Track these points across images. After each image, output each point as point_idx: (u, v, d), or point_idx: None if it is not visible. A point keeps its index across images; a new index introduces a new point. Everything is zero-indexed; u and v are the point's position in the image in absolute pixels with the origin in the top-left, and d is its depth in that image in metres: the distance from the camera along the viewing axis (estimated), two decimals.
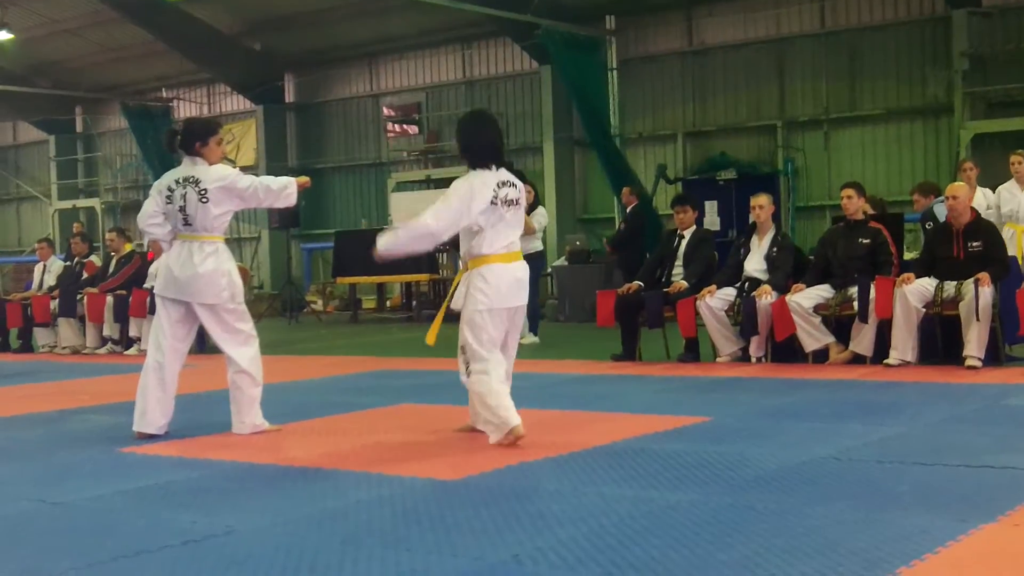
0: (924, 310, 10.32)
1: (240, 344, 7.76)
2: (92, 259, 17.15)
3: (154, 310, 8.30)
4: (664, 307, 11.64)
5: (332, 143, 29.56)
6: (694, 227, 12.24)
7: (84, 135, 34.39)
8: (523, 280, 7.21)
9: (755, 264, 11.42)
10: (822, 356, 10.88)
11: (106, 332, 15.90)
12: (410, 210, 24.49)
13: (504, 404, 6.98)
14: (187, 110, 31.03)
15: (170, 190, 7.73)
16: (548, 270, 19.64)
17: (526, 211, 14.42)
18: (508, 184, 7.18)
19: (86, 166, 34.58)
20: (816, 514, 4.90)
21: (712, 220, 21.15)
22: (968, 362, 9.99)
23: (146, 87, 31.72)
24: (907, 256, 11.96)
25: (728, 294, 11.31)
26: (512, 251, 7.15)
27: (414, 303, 22.23)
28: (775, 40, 22.59)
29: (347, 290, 23.76)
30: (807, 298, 10.80)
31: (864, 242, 10.92)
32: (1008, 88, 19.72)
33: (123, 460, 7.04)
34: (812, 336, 10.80)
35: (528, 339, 14.71)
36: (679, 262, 12.00)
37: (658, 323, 11.82)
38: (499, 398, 6.99)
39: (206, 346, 12.47)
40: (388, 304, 24.20)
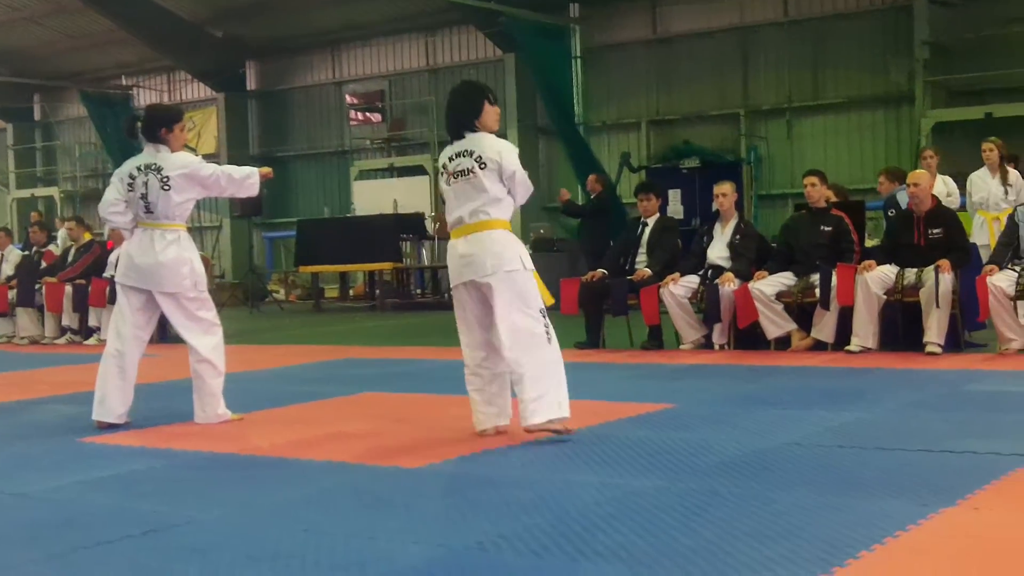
0: (885, 297, 10.37)
1: (202, 333, 7.70)
2: (51, 248, 17.03)
3: (114, 299, 8.24)
4: (628, 295, 11.65)
5: (294, 131, 29.48)
6: (658, 215, 12.24)
7: (43, 123, 34.20)
8: (469, 256, 6.67)
9: (718, 252, 11.45)
10: (784, 343, 10.92)
11: (65, 322, 15.79)
12: (373, 198, 24.59)
13: (473, 400, 6.83)
14: (147, 98, 30.87)
15: (132, 177, 7.66)
16: None
17: None
18: (463, 154, 6.76)
19: (45, 154, 34.38)
20: (779, 499, 4.91)
21: (676, 208, 21.19)
22: (928, 348, 10.05)
23: (106, 74, 31.54)
24: (869, 243, 12.00)
25: (692, 282, 11.33)
26: (459, 226, 6.75)
27: (377, 292, 22.19)
28: (739, 29, 22.67)
29: (310, 279, 23.69)
30: (769, 285, 10.83)
31: (826, 230, 10.96)
32: (969, 77, 19.85)
33: (83, 450, 6.98)
34: (774, 323, 10.83)
35: None
36: (643, 250, 12.00)
37: (622, 311, 11.83)
38: (471, 393, 6.83)
39: (167, 335, 12.40)
40: (351, 293, 24.15)
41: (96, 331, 15.08)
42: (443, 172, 6.78)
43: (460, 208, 6.70)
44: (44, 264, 16.46)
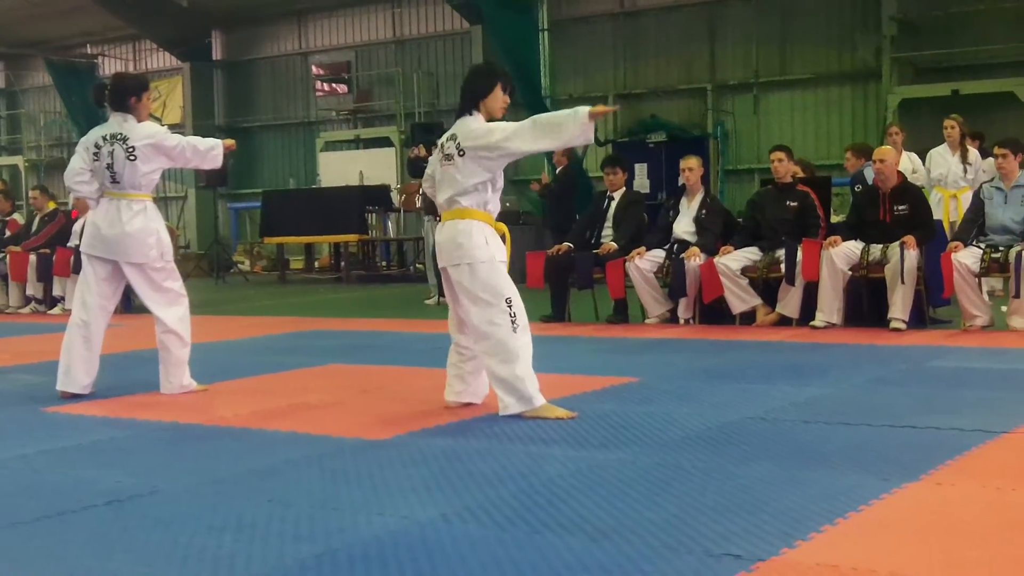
0: (850, 273, 10.41)
1: (168, 304, 7.67)
2: (15, 217, 16.90)
3: (78, 269, 8.18)
4: (594, 268, 11.67)
5: (260, 101, 29.35)
6: (624, 189, 12.24)
7: (7, 91, 33.95)
8: (441, 243, 6.62)
9: (684, 226, 11.46)
10: (749, 318, 10.95)
11: (29, 291, 15.69)
12: (339, 170, 24.52)
13: (448, 373, 6.89)
14: (113, 67, 30.66)
15: (97, 147, 7.61)
16: None
17: None
18: (452, 137, 6.63)
19: (9, 123, 34.14)
20: (743, 473, 4.93)
21: (642, 182, 21.22)
22: (893, 324, 10.10)
23: (71, 43, 31.30)
24: (834, 219, 12.04)
25: (657, 256, 11.35)
26: (444, 210, 6.69)
27: (343, 263, 22.14)
28: (707, 3, 22.68)
29: (275, 250, 23.62)
30: (735, 260, 10.85)
31: (792, 205, 10.99)
32: (935, 54, 19.93)
33: (47, 420, 6.95)
34: (740, 298, 10.87)
35: None
36: (609, 224, 12.01)
37: (588, 284, 11.84)
38: (448, 367, 6.90)
39: (132, 305, 12.35)
40: (316, 265, 24.09)
41: (60, 301, 14.99)
42: (439, 151, 6.68)
43: (440, 193, 6.67)
44: (8, 233, 16.34)
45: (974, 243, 10.20)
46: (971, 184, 12.30)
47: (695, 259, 10.97)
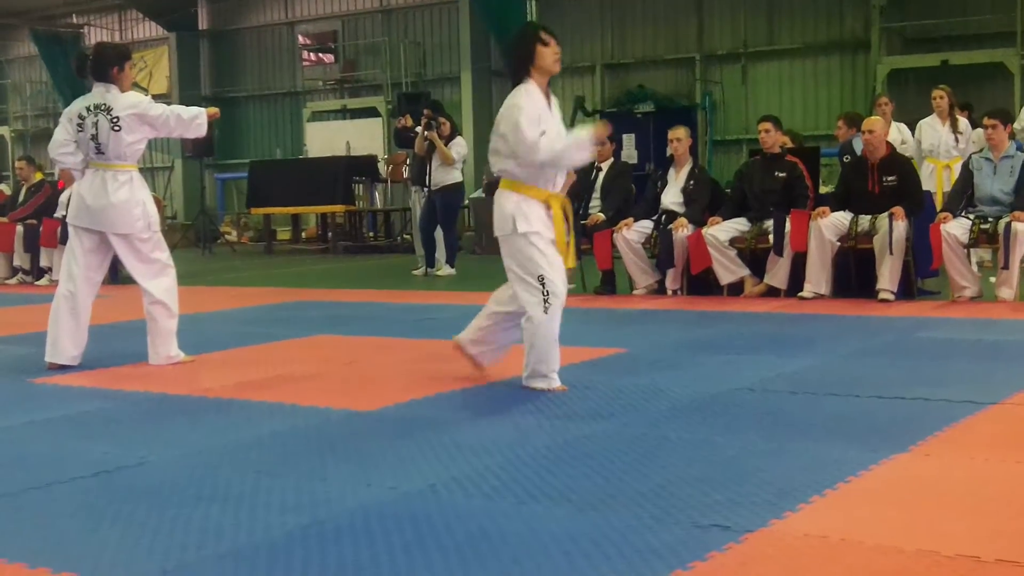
0: (839, 244, 10.41)
1: (155, 275, 7.64)
2: (1, 188, 16.84)
3: (65, 240, 8.15)
4: (581, 239, 11.64)
5: (246, 72, 29.24)
6: (612, 160, 12.22)
7: None
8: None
9: (672, 197, 11.45)
10: (737, 289, 10.95)
11: (16, 262, 15.65)
12: (326, 140, 24.45)
13: (476, 321, 6.85)
14: (98, 36, 30.48)
15: (81, 118, 7.57)
16: (466, 202, 19.56)
17: (444, 142, 14.43)
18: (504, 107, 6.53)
19: None
20: (730, 444, 4.94)
21: (630, 153, 21.18)
22: (881, 295, 10.10)
23: (56, 12, 31.12)
24: (823, 190, 12.04)
25: (645, 227, 11.33)
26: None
27: (330, 234, 22.10)
28: None
29: (261, 221, 23.56)
30: (723, 231, 10.85)
31: (780, 176, 10.97)
32: (924, 24, 19.90)
33: (34, 391, 6.93)
34: (727, 269, 10.86)
35: (444, 271, 14.70)
36: (597, 195, 11.99)
37: (575, 255, 11.80)
38: (478, 317, 6.84)
39: (119, 276, 12.31)
40: (303, 235, 24.04)
41: (47, 272, 14.95)
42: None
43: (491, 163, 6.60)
44: None
45: (963, 214, 10.20)
46: (962, 154, 12.27)
47: (683, 230, 10.96)
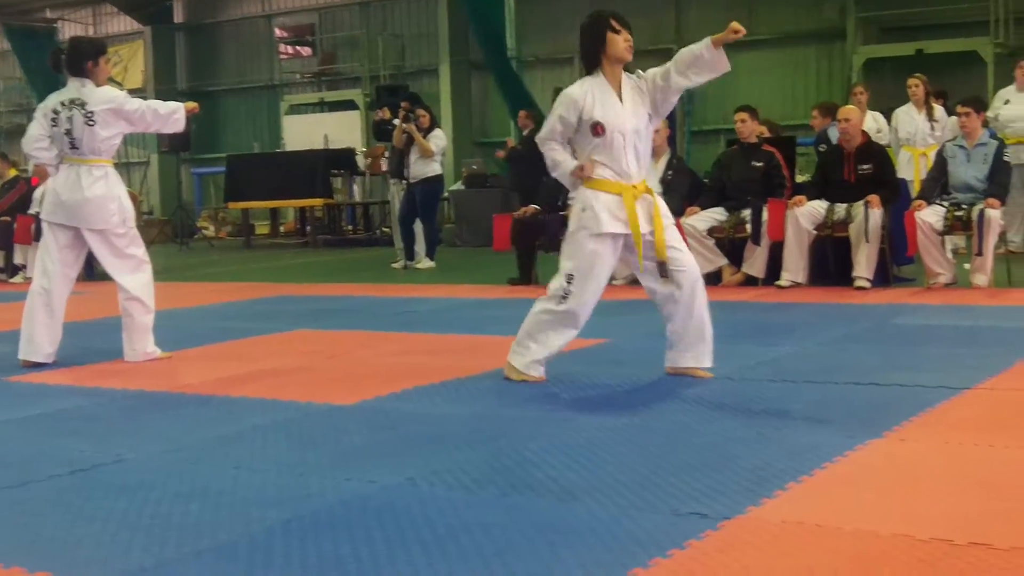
0: (815, 232, 10.45)
1: (131, 270, 7.61)
2: None
3: (39, 237, 8.12)
4: (561, 230, 11.63)
5: (223, 65, 29.15)
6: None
7: None
8: None
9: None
10: (715, 278, 10.96)
11: None
12: (304, 134, 24.40)
13: None
14: (73, 31, 30.29)
15: (56, 112, 7.53)
16: (446, 194, 19.57)
17: (423, 135, 14.42)
18: None
19: None
20: (710, 432, 4.95)
21: None
22: (858, 283, 10.14)
23: (30, 7, 30.96)
24: (800, 179, 12.06)
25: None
26: None
27: (308, 228, 22.06)
28: None
29: (239, 215, 23.50)
30: (701, 220, 10.87)
31: (757, 165, 11.00)
32: (899, 13, 19.95)
33: (9, 389, 6.90)
34: (706, 258, 10.86)
35: (424, 264, 14.70)
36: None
37: (555, 247, 11.76)
38: None
39: (94, 273, 12.27)
40: (282, 229, 24.00)
41: (22, 268, 14.89)
42: None
43: None
44: None
45: (937, 201, 10.24)
46: (939, 142, 12.32)
47: None
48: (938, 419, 5.11)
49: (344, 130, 24.26)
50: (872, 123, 12.82)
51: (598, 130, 6.19)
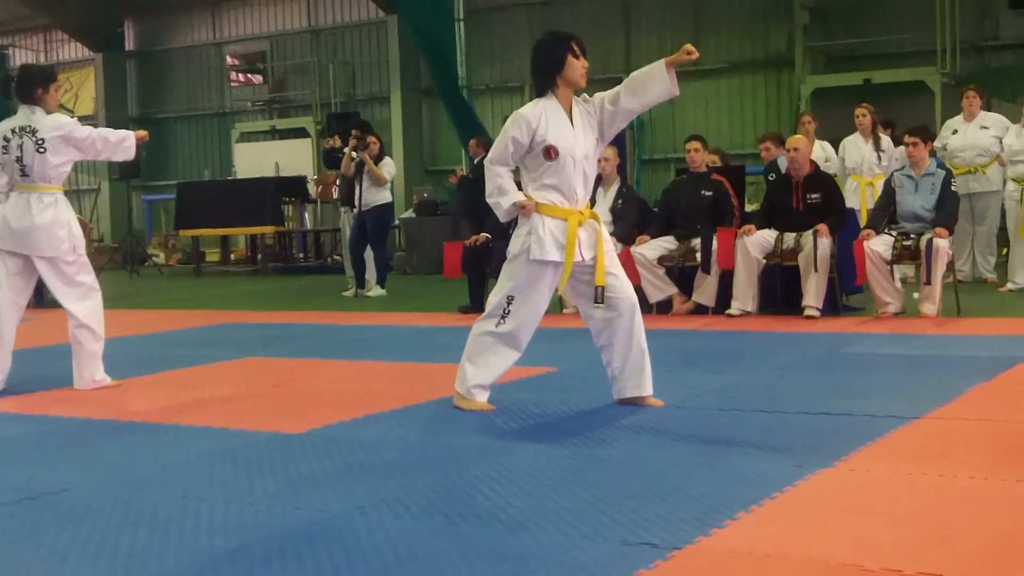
0: (764, 261, 10.50)
1: (80, 298, 7.57)
2: None
3: None
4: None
5: (174, 92, 29.03)
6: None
7: None
8: None
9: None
10: (666, 307, 11.01)
11: None
12: (255, 161, 24.33)
13: None
14: (23, 58, 30.14)
15: (6, 140, 7.50)
16: (397, 222, 19.57)
17: (374, 161, 14.40)
18: None
19: None
20: (658, 460, 4.97)
21: None
22: (807, 311, 10.19)
23: None
24: (749, 208, 12.13)
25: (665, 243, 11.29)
26: None
27: (259, 256, 21.99)
28: None
29: (190, 242, 23.39)
30: (651, 249, 10.91)
31: (707, 194, 11.06)
32: (846, 43, 20.12)
33: None
34: (656, 287, 10.92)
35: (375, 291, 14.67)
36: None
37: None
38: None
39: (44, 299, 12.18)
40: (232, 257, 23.90)
41: None
42: None
43: None
44: None
45: (885, 231, 10.32)
46: (885, 171, 12.43)
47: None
48: (887, 448, 5.14)
49: (295, 157, 24.22)
50: (820, 152, 12.91)
51: (551, 154, 6.18)
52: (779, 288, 10.82)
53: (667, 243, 11.00)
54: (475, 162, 18.03)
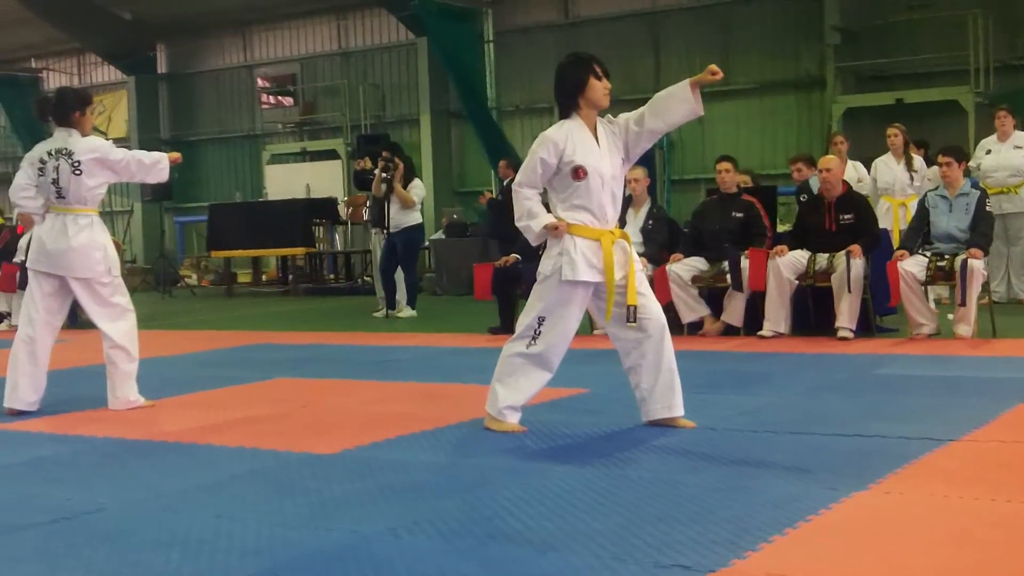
0: (797, 282, 10.46)
1: (115, 318, 7.62)
2: None
3: (24, 284, 8.12)
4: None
5: (205, 114, 29.18)
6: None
7: None
8: None
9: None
10: (696, 327, 10.98)
11: None
12: (285, 183, 24.43)
13: None
14: (57, 80, 30.36)
15: (42, 162, 7.56)
16: (426, 243, 19.59)
17: (403, 184, 14.42)
18: None
19: None
20: (690, 483, 4.95)
21: None
22: (840, 333, 10.15)
23: (14, 57, 30.99)
24: (780, 228, 12.09)
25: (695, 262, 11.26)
26: None
27: (290, 277, 22.05)
28: (650, 13, 22.74)
29: (221, 263, 23.48)
30: (685, 269, 10.88)
31: (737, 215, 11.03)
32: (878, 63, 20.06)
33: None
34: (689, 307, 10.90)
35: (405, 312, 14.68)
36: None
37: None
38: None
39: (78, 320, 12.24)
40: (264, 278, 23.96)
41: (7, 316, 14.85)
42: None
43: None
44: None
45: (919, 251, 10.27)
46: (918, 191, 12.36)
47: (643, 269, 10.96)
48: (922, 471, 5.10)
49: (326, 179, 24.30)
50: (852, 172, 12.87)
51: (580, 174, 6.20)
52: (811, 309, 10.77)
53: (698, 263, 10.97)
54: (504, 184, 18.07)
